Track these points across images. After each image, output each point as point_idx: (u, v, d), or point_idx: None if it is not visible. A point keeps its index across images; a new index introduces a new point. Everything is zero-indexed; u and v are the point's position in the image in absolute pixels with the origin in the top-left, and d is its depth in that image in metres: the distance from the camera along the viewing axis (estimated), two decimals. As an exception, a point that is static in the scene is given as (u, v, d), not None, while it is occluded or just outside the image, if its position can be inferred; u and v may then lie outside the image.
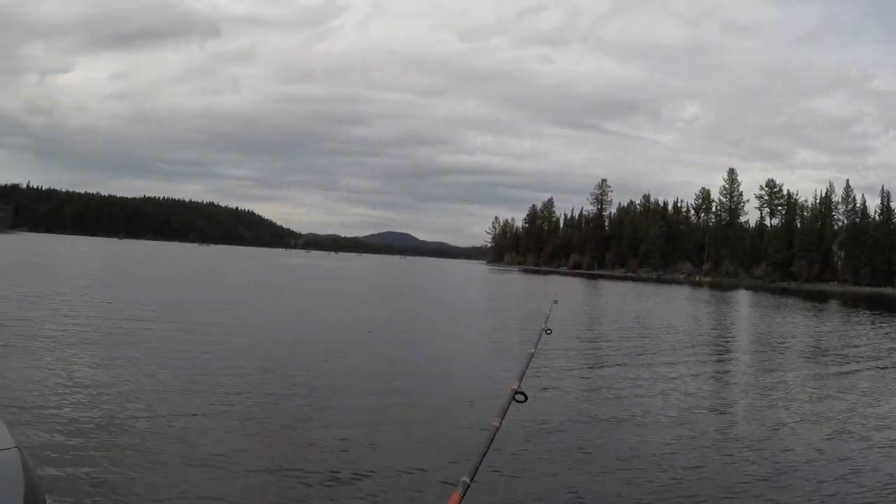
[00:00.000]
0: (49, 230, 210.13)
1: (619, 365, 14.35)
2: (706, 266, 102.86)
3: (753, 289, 70.08)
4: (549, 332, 5.82)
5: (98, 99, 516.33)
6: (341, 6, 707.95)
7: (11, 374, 10.15)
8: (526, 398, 2.86)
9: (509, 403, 2.80)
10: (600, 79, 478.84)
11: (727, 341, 20.85)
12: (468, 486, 2.05)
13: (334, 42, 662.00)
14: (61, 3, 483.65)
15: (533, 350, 4.39)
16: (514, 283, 65.47)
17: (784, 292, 63.25)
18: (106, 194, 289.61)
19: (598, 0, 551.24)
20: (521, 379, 3.12)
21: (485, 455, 2.28)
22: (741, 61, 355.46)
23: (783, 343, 20.18)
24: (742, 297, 52.63)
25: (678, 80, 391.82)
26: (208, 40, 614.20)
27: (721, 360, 16.29)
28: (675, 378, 12.89)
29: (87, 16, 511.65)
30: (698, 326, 25.28)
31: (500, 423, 2.58)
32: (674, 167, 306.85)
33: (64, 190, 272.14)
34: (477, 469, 2.17)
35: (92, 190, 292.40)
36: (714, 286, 76.19)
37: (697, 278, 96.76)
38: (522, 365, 3.57)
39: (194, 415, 8.49)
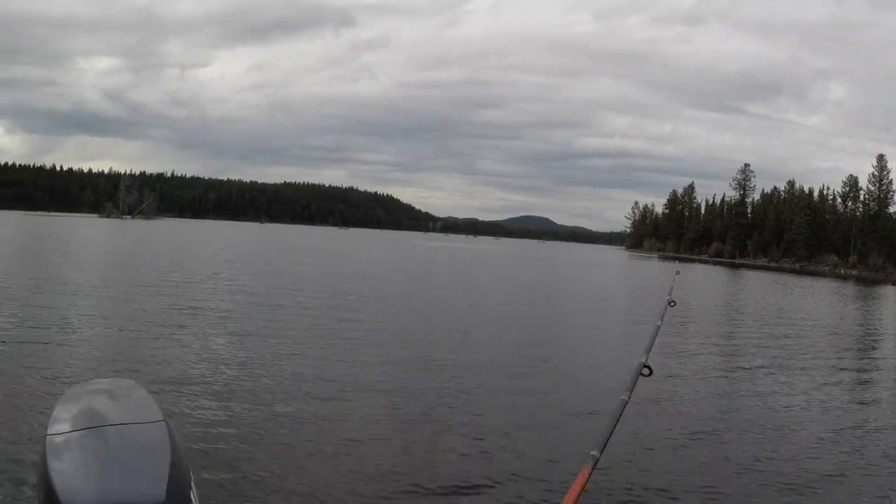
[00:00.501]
0: (194, 216, 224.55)
1: (756, 367, 13.97)
2: (852, 258, 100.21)
3: (902, 284, 69.73)
4: (673, 304, 5.45)
5: (236, 90, 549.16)
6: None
7: (164, 353, 11.14)
8: (651, 372, 2.81)
9: (637, 377, 2.73)
10: (741, 59, 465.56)
11: (874, 344, 20.46)
12: (597, 460, 1.98)
13: (467, 27, 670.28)
14: (195, 1, 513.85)
15: (659, 323, 4.15)
16: (654, 269, 64.03)
17: (936, 289, 60.94)
18: (247, 181, 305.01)
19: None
20: (647, 352, 3.02)
21: (614, 429, 2.19)
22: (891, 39, 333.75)
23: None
24: (890, 294, 51.51)
25: (823, 60, 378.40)
26: (342, 30, 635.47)
27: (866, 368, 15.83)
28: (814, 380, 12.75)
29: (221, 11, 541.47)
30: (843, 324, 24.70)
31: (629, 397, 2.52)
32: (821, 152, 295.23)
33: (206, 177, 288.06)
34: (606, 443, 2.09)
35: (233, 177, 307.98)
36: (860, 280, 74.86)
37: (842, 271, 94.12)
38: (649, 338, 3.44)
39: (329, 399, 9.10)
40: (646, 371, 2.89)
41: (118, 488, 1.66)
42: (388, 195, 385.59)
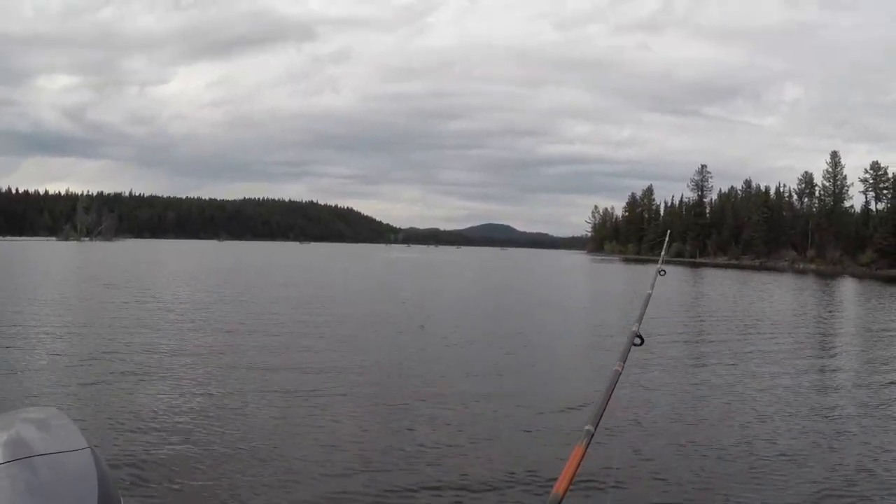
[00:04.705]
0: (153, 235, 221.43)
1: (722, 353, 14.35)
2: (810, 253, 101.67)
3: (859, 277, 70.19)
4: (663, 272, 5.23)
5: (197, 107, 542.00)
6: (435, 3, 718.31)
7: (90, 378, 10.80)
8: (643, 341, 2.71)
9: (629, 347, 2.67)
10: (699, 64, 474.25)
11: (831, 336, 20.76)
12: (592, 435, 1.90)
13: (431, 39, 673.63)
14: (157, 17, 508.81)
15: (650, 291, 3.93)
16: (617, 272, 65.07)
17: (892, 280, 62.55)
18: (207, 198, 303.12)
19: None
20: (640, 321, 2.97)
21: (608, 401, 2.11)
22: (843, 39, 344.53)
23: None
24: (847, 286, 52.33)
25: (779, 62, 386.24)
26: (305, 44, 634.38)
27: (826, 356, 16.27)
28: (781, 372, 13.17)
29: (182, 28, 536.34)
30: (809, 315, 24.80)
31: (622, 368, 2.45)
32: (777, 151, 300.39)
33: (165, 196, 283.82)
34: (601, 417, 2.02)
35: (193, 195, 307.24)
36: (818, 274, 76.40)
37: (801, 266, 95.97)
38: (640, 307, 3.35)
39: (275, 416, 8.89)
40: (637, 340, 2.80)
41: None
42: (348, 208, 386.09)
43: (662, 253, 6.57)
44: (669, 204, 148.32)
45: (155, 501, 6.06)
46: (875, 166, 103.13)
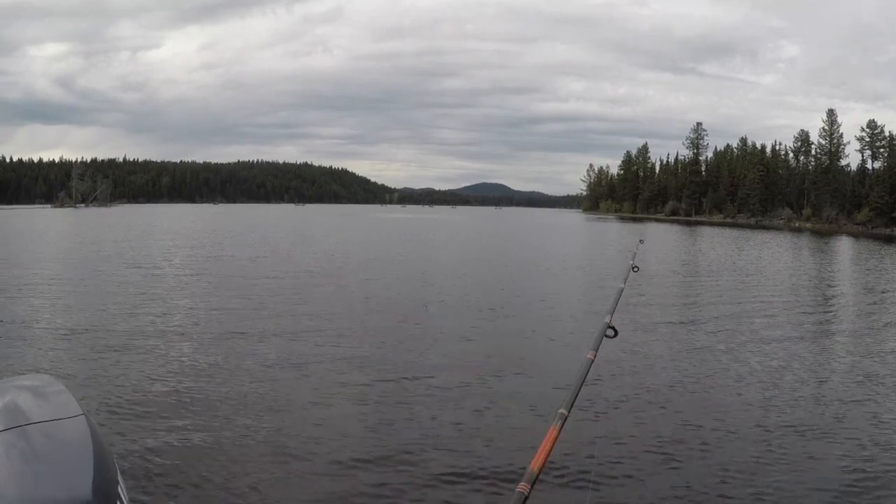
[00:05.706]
0: (148, 200, 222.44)
1: (713, 318, 14.83)
2: (806, 211, 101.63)
3: (855, 235, 70.21)
4: (636, 269, 5.56)
5: (188, 71, 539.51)
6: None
7: (83, 346, 10.91)
8: (616, 333, 2.84)
9: (601, 337, 2.79)
10: (696, 21, 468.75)
11: (828, 296, 20.64)
12: (566, 419, 1.99)
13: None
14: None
15: (622, 285, 4.15)
16: (613, 232, 64.18)
17: (888, 239, 62.71)
18: (201, 161, 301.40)
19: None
20: (612, 314, 3.06)
21: (581, 387, 2.22)
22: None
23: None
24: (845, 245, 52.20)
25: (777, 20, 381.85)
26: (295, 4, 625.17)
27: (821, 320, 16.16)
28: (769, 337, 13.13)
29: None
30: (799, 277, 24.82)
31: (595, 356, 2.57)
32: (774, 110, 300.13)
33: (159, 160, 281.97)
34: (574, 401, 2.10)
35: (187, 159, 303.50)
36: (814, 232, 76.49)
37: (797, 224, 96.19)
38: (613, 300, 3.50)
39: (265, 382, 8.91)
40: (610, 332, 2.90)
41: (41, 491, 1.63)
42: (343, 169, 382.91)
43: (636, 250, 7.13)
44: (665, 162, 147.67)
45: (150, 466, 6.16)
46: (871, 125, 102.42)
